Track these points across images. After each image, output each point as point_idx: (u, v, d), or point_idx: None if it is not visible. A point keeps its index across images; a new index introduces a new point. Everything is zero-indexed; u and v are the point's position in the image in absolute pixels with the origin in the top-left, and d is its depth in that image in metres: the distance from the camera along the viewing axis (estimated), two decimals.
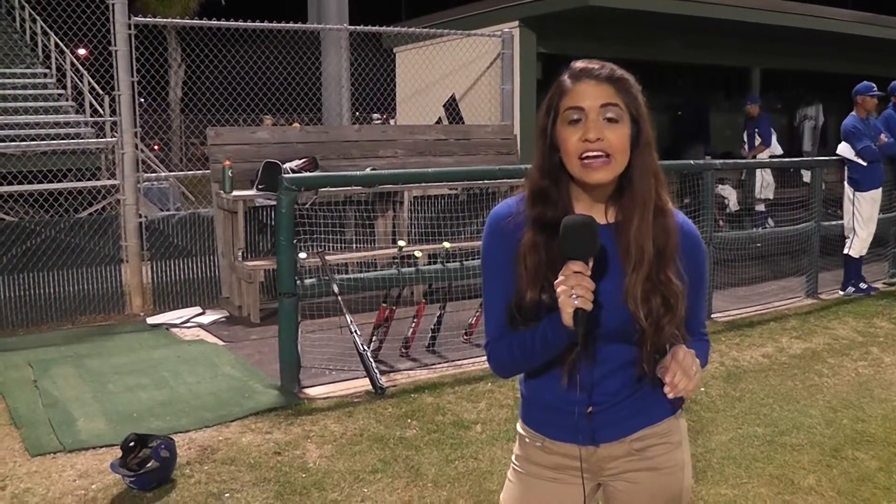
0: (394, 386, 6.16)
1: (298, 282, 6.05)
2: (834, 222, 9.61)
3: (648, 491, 2.22)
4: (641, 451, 2.20)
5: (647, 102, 2.07)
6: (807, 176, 11.16)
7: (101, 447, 5.01)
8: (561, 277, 1.94)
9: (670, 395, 2.01)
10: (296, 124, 12.15)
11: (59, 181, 9.80)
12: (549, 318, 2.02)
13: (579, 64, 2.06)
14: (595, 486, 2.28)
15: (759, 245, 9.81)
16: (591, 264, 1.95)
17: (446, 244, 7.09)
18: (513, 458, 2.34)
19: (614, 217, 2.10)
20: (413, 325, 6.93)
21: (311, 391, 6.04)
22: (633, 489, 2.22)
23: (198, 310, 8.51)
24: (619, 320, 2.05)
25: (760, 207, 12.01)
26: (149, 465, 4.51)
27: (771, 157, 11.81)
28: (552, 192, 2.08)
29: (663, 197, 2.08)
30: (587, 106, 1.98)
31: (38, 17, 15.56)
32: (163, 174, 12.53)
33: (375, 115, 16.53)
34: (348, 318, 6.32)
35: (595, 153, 1.97)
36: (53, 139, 11.79)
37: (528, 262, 2.06)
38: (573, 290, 1.91)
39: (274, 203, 6.70)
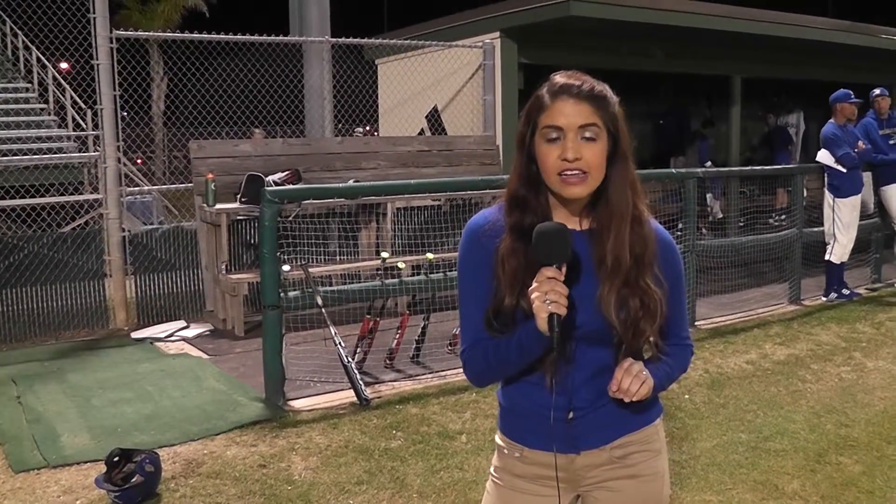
0: (378, 397, 6.16)
1: (282, 294, 6.05)
2: (816, 229, 9.67)
3: (629, 499, 2.23)
4: (622, 458, 2.20)
5: (624, 114, 2.09)
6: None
7: (86, 462, 4.99)
8: (534, 284, 1.96)
9: (621, 396, 2.07)
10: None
11: (42, 196, 9.77)
12: (524, 324, 2.04)
13: (559, 79, 2.08)
14: (574, 499, 2.28)
15: None
16: (564, 270, 1.97)
17: (430, 255, 7.11)
18: (491, 469, 2.34)
19: (590, 224, 2.12)
20: (397, 336, 6.93)
21: (296, 403, 6.03)
22: (614, 498, 2.22)
23: (182, 323, 8.49)
24: (598, 324, 2.07)
25: None
26: (133, 479, 4.50)
27: None
28: (530, 199, 2.11)
29: (640, 207, 2.10)
30: (565, 125, 2.01)
31: (19, 32, 15.53)
32: (146, 188, 12.52)
33: (359, 130, 16.49)
34: (332, 329, 6.32)
35: (572, 171, 2.00)
36: (36, 154, 11.76)
37: (507, 267, 2.08)
38: (546, 295, 1.93)
39: (257, 216, 6.70)
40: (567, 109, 2.02)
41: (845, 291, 9.44)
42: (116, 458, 4.61)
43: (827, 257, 9.38)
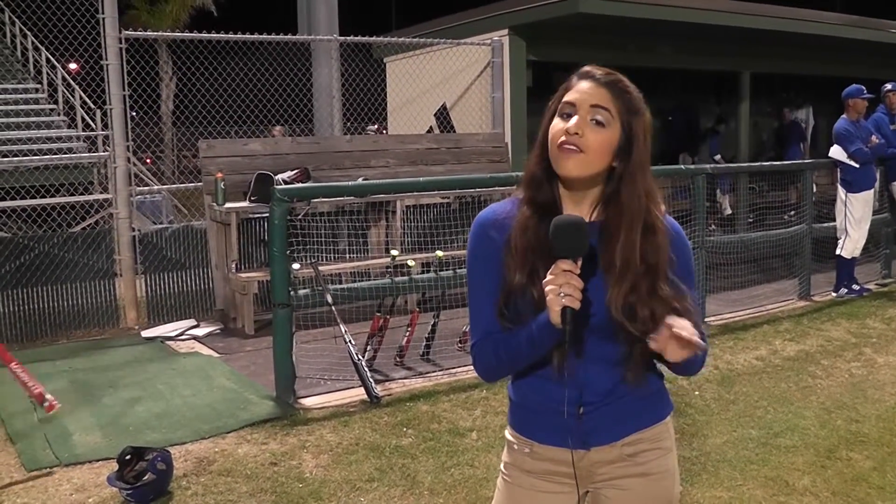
0: (389, 395, 6.17)
1: (292, 292, 6.06)
2: (826, 224, 9.65)
3: (640, 498, 2.21)
4: (633, 456, 2.18)
5: (648, 122, 2.07)
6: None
7: (98, 461, 5.01)
8: (549, 276, 1.95)
9: (679, 332, 1.91)
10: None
11: (52, 196, 9.81)
12: (535, 317, 2.03)
13: (588, 67, 2.11)
14: (583, 495, 2.25)
15: None
16: (579, 263, 1.96)
17: (439, 253, 7.11)
18: (501, 466, 2.33)
19: (598, 216, 2.11)
20: (407, 333, 6.94)
21: (307, 401, 6.05)
22: (624, 496, 2.20)
23: (192, 322, 8.52)
24: (609, 318, 2.05)
25: None
26: (145, 477, 4.52)
27: None
28: (544, 181, 2.11)
29: (654, 213, 2.08)
30: (578, 102, 2.03)
31: (28, 33, 15.57)
32: (155, 187, 12.53)
33: (371, 128, 16.50)
34: (342, 327, 6.33)
35: (570, 145, 2.01)
36: (46, 154, 11.79)
37: (518, 243, 2.08)
38: (561, 288, 1.93)
39: (267, 214, 6.72)
40: (585, 89, 2.04)
41: (855, 287, 9.42)
42: (128, 457, 4.63)
43: (838, 252, 9.36)
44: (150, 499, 4.50)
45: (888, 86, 9.84)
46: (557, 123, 2.05)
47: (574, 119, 2.02)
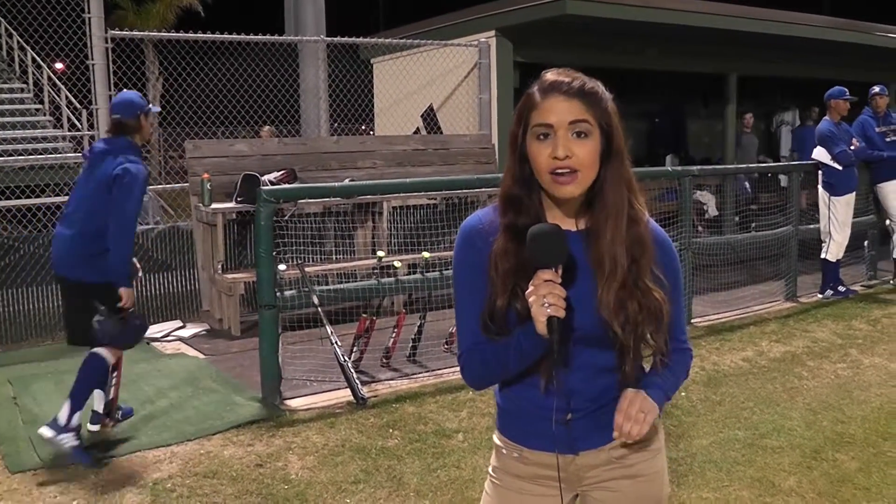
0: (375, 396, 6.16)
1: (278, 294, 6.05)
2: (811, 226, 9.69)
3: (629, 499, 2.22)
4: (621, 458, 2.19)
5: (618, 112, 2.06)
6: (784, 181, 11.28)
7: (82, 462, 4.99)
8: (531, 287, 1.94)
9: (619, 440, 2.06)
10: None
11: (38, 196, 9.76)
12: (522, 327, 2.02)
13: (549, 76, 2.05)
14: (573, 497, 2.27)
15: None
16: (560, 271, 1.95)
17: (426, 254, 7.10)
18: (490, 469, 2.33)
19: (585, 224, 2.10)
20: (394, 335, 6.93)
21: (293, 403, 6.04)
22: (613, 498, 2.21)
23: (178, 323, 8.49)
24: (595, 325, 2.05)
25: None
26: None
27: None
28: (524, 199, 2.08)
29: (636, 206, 2.07)
30: (555, 122, 1.98)
31: (14, 32, 15.50)
32: None
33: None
34: (329, 329, 6.33)
35: (563, 169, 1.98)
36: (31, 154, 11.73)
37: (500, 268, 2.06)
38: (544, 298, 1.91)
39: (248, 214, 6.70)
40: (557, 106, 1.99)
41: (841, 289, 9.45)
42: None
43: (823, 255, 9.39)
44: (107, 342, 5.06)
45: (876, 88, 9.88)
46: (538, 149, 2.00)
47: (558, 141, 1.97)
